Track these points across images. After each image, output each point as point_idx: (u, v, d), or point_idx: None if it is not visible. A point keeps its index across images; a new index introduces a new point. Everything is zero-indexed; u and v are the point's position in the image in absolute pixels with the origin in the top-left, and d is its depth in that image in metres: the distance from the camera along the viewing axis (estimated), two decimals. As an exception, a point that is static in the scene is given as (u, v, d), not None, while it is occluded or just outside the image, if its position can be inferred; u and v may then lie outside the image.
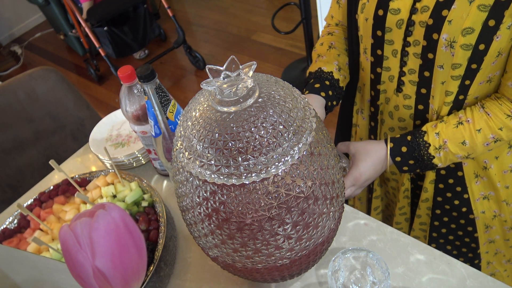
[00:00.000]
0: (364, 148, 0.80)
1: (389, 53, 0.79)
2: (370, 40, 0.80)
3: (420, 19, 0.71)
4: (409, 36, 0.74)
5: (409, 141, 0.77)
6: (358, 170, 0.78)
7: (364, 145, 0.81)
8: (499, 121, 0.71)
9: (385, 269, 0.63)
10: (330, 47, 0.93)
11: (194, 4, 3.83)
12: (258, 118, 0.47)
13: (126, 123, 1.11)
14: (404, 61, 0.77)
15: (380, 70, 0.83)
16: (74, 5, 2.69)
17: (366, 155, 0.79)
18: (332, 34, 0.95)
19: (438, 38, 0.69)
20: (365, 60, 0.86)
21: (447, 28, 0.68)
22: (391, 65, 0.80)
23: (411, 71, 0.78)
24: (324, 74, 0.88)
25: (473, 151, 0.75)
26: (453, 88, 0.73)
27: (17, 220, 0.87)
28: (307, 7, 2.33)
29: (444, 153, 0.75)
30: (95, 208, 0.53)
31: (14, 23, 4.00)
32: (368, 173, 0.79)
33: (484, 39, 0.66)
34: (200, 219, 0.54)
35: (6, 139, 1.28)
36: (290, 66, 2.78)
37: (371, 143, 0.81)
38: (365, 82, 0.90)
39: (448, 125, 0.75)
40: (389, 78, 0.82)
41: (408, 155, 0.77)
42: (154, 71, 0.73)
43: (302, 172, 0.50)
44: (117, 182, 0.89)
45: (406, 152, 0.77)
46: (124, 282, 0.54)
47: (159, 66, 3.17)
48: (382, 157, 0.79)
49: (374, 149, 0.79)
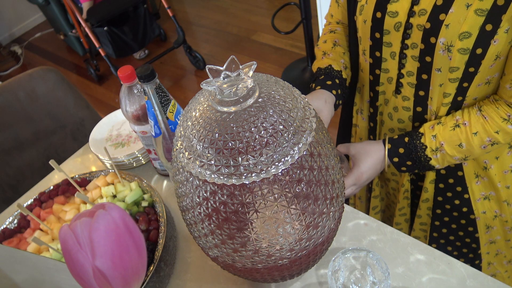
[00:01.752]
0: (364, 149, 0.81)
1: (388, 55, 0.79)
2: (368, 42, 0.81)
3: (418, 22, 0.71)
4: (407, 39, 0.74)
5: (407, 143, 0.78)
6: (359, 170, 0.79)
7: (363, 145, 0.82)
8: (496, 124, 0.71)
9: (385, 269, 0.63)
10: (335, 45, 0.93)
11: (194, 4, 3.83)
12: (258, 118, 0.47)
13: (126, 123, 1.11)
14: (402, 63, 0.78)
15: (379, 72, 0.83)
16: (74, 5, 2.69)
17: (366, 155, 0.80)
18: (334, 32, 0.95)
19: (436, 42, 0.69)
20: (364, 61, 0.86)
21: (444, 32, 0.68)
22: (389, 67, 0.81)
23: (409, 73, 0.78)
24: (334, 72, 0.89)
25: (470, 153, 0.75)
26: (451, 90, 0.74)
27: (17, 220, 0.87)
28: (307, 7, 2.33)
29: (441, 155, 0.76)
30: (95, 208, 0.53)
31: (14, 23, 4.00)
32: (369, 172, 0.80)
33: (481, 43, 0.66)
34: (200, 219, 0.54)
35: (6, 139, 1.28)
36: (290, 66, 2.78)
37: (370, 144, 0.82)
38: (364, 83, 0.90)
39: (445, 127, 0.75)
40: (388, 79, 0.83)
41: (406, 156, 0.78)
42: (154, 71, 0.73)
43: (302, 172, 0.50)
44: (117, 182, 0.89)
45: (404, 153, 0.78)
46: (124, 282, 0.54)
47: (159, 66, 3.17)
48: (381, 157, 0.80)
49: (374, 150, 0.80)
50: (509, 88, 0.70)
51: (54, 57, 3.66)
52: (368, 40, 0.80)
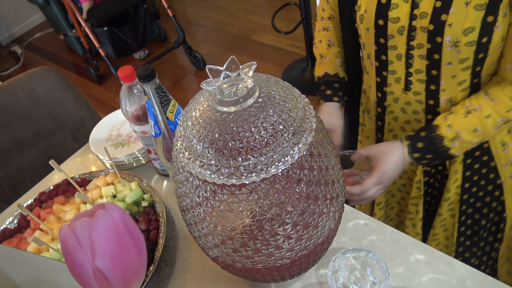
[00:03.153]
0: (384, 149, 0.83)
1: (394, 57, 0.81)
2: (373, 47, 0.82)
3: (420, 24, 0.73)
4: (412, 41, 0.76)
5: (424, 137, 0.80)
6: (382, 169, 0.81)
7: (383, 146, 0.84)
8: (505, 104, 0.74)
9: (385, 269, 0.63)
10: (329, 45, 0.96)
11: (194, 4, 3.83)
12: (258, 118, 0.47)
13: (126, 123, 1.11)
14: (410, 63, 0.79)
15: (386, 74, 0.85)
16: (74, 5, 2.69)
17: (388, 154, 0.82)
18: (327, 30, 0.98)
19: (442, 41, 0.72)
20: (370, 64, 0.87)
21: (448, 31, 0.70)
22: (396, 68, 0.82)
23: (418, 71, 0.80)
24: (331, 77, 0.93)
25: (485, 135, 0.77)
26: (465, 77, 0.76)
27: (17, 220, 0.87)
28: (307, 7, 2.33)
29: (459, 142, 0.78)
30: (95, 208, 0.53)
31: (14, 23, 4.00)
32: (392, 170, 0.82)
33: (485, 33, 0.69)
34: (200, 219, 0.54)
35: (6, 139, 1.28)
36: (290, 66, 2.78)
37: (389, 143, 0.84)
38: (370, 85, 0.92)
39: (457, 115, 0.77)
40: (396, 80, 0.84)
41: (426, 150, 0.80)
42: (154, 71, 0.73)
43: (302, 172, 0.50)
44: (117, 182, 0.89)
45: (423, 147, 0.80)
46: (124, 282, 0.54)
47: (159, 66, 3.16)
48: (402, 155, 0.82)
49: (393, 148, 0.82)
50: (510, 68, 0.73)
51: (54, 57, 3.66)
52: (372, 46, 0.82)
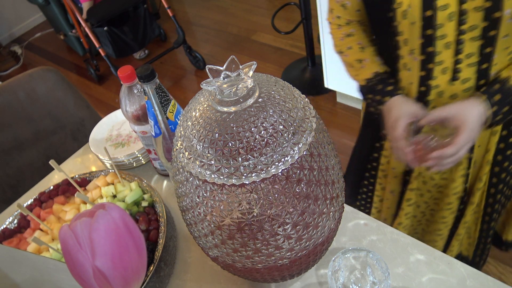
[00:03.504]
0: (463, 106, 0.80)
1: (442, 47, 0.79)
2: (418, 40, 0.80)
3: (473, 5, 0.72)
4: (463, 25, 0.74)
5: (498, 89, 0.78)
6: (469, 126, 0.78)
7: (460, 104, 0.81)
8: None
9: (385, 269, 0.63)
10: (362, 47, 0.94)
11: (194, 4, 3.83)
12: (258, 118, 0.47)
13: (126, 123, 1.11)
14: (460, 49, 0.78)
15: (433, 66, 0.83)
16: (74, 5, 2.69)
17: (471, 110, 0.79)
18: (352, 35, 0.95)
19: (501, 15, 0.71)
20: (412, 60, 0.85)
21: (508, 3, 0.69)
22: (444, 58, 0.80)
23: (468, 55, 0.78)
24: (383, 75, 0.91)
25: None
26: None
27: (17, 220, 0.87)
28: (307, 7, 2.33)
29: None
30: (95, 208, 0.53)
31: (14, 23, 4.00)
32: (476, 128, 0.79)
33: None
34: (200, 219, 0.54)
35: (6, 139, 1.28)
36: (290, 66, 2.78)
37: (464, 101, 0.81)
38: (412, 81, 0.89)
39: None
40: (442, 70, 0.82)
41: (502, 102, 0.79)
42: (154, 71, 0.73)
43: (302, 172, 0.50)
44: (117, 182, 0.89)
45: (500, 99, 0.78)
46: (124, 282, 0.54)
47: (159, 66, 3.16)
48: (482, 110, 0.79)
49: (473, 104, 0.79)
50: None
51: (54, 57, 3.66)
52: (417, 39, 0.80)
